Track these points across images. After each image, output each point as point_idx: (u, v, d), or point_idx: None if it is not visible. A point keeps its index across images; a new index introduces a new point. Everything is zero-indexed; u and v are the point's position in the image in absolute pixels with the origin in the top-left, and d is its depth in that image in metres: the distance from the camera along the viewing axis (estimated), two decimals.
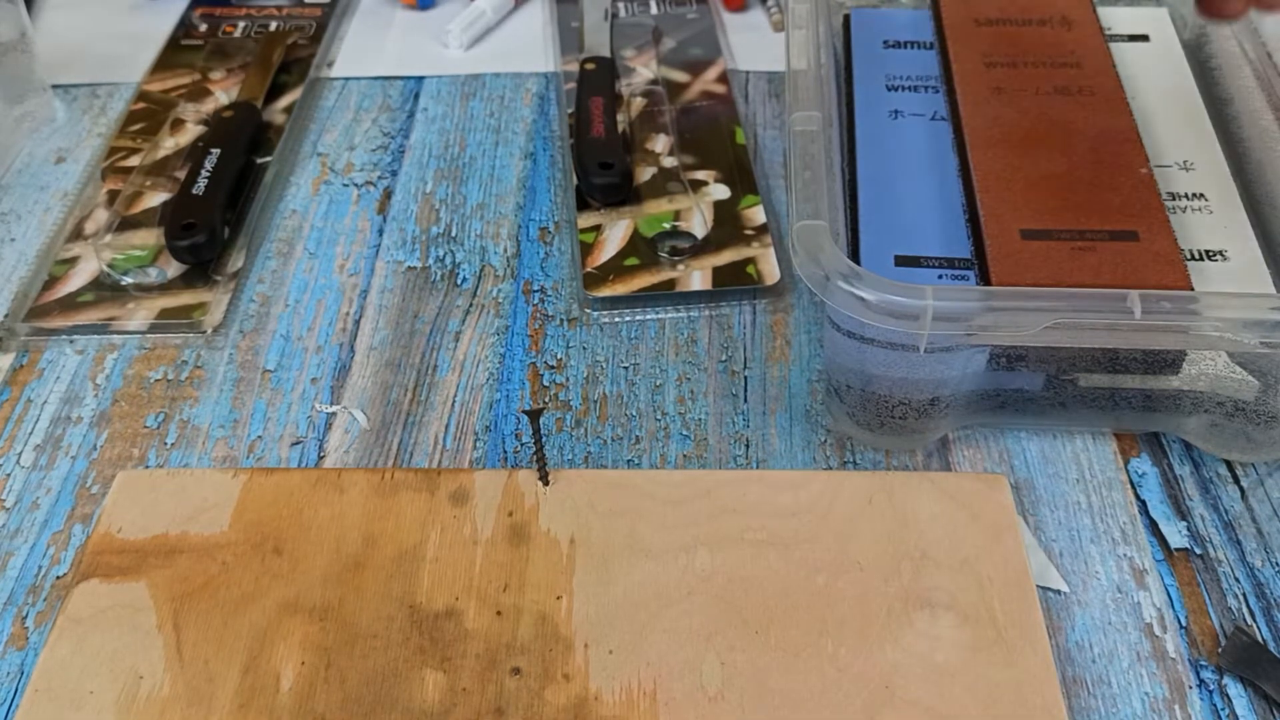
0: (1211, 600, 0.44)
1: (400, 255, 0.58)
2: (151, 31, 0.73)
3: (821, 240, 0.42)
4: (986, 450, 0.49)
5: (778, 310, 0.55)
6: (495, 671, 0.40)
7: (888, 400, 0.46)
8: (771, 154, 0.64)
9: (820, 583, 0.42)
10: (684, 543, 0.43)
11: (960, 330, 0.41)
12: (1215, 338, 0.41)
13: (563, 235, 0.59)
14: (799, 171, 0.46)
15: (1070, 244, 0.47)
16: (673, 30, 0.73)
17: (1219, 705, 0.41)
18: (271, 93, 0.67)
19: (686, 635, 0.40)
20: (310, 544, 0.43)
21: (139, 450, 0.49)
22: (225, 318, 0.54)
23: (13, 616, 0.43)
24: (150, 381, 0.52)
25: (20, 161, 0.64)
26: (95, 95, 0.69)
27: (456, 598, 0.42)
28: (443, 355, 0.53)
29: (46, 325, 0.54)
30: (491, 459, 0.49)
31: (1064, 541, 0.45)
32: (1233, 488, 0.47)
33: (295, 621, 0.41)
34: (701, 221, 0.58)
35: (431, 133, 0.66)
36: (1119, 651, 0.42)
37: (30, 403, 0.51)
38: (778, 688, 0.39)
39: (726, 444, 0.49)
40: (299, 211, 0.61)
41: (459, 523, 0.44)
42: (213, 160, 0.59)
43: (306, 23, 0.74)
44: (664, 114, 0.65)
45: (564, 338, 0.54)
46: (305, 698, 0.39)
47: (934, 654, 0.40)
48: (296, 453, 0.49)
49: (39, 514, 0.47)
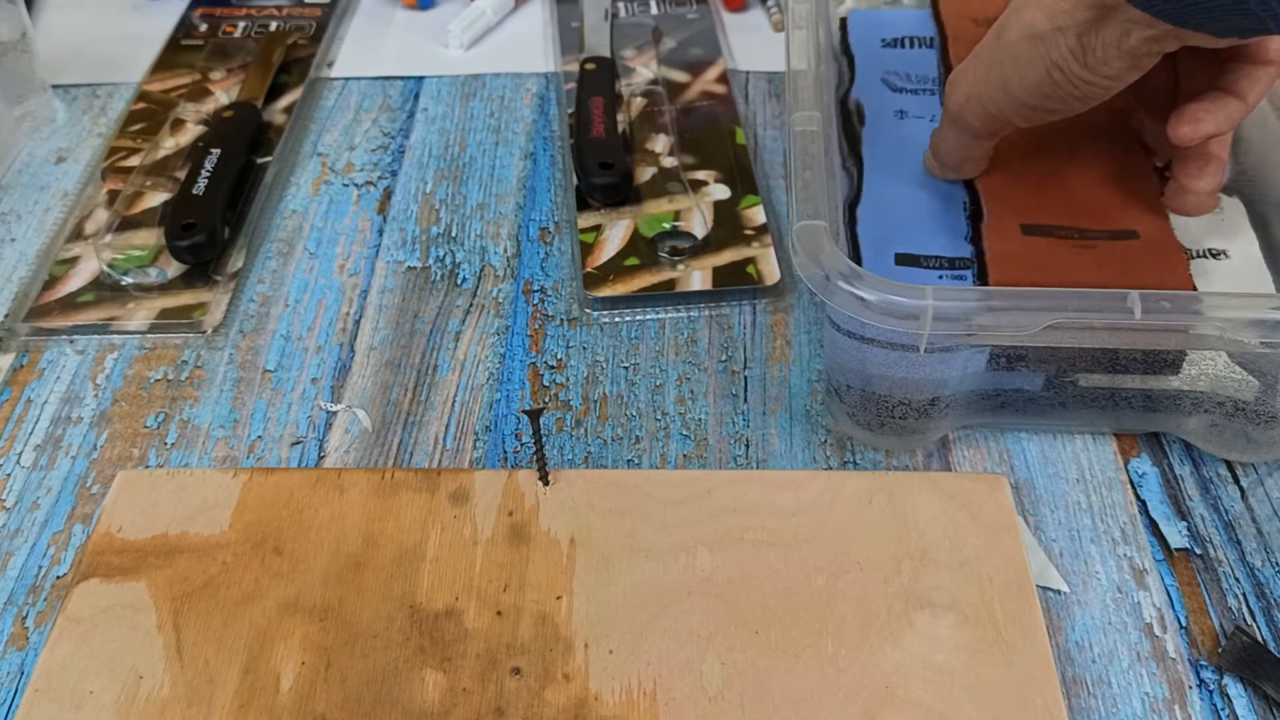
0: (1211, 600, 0.44)
1: (400, 255, 0.58)
2: (151, 31, 0.73)
3: (821, 240, 0.42)
4: (986, 450, 0.49)
5: (778, 310, 0.55)
6: (495, 671, 0.40)
7: (888, 400, 0.46)
8: (771, 154, 0.64)
9: (820, 583, 0.42)
10: (684, 543, 0.43)
11: (960, 330, 0.41)
12: (1215, 338, 0.41)
13: (563, 235, 0.59)
14: (799, 171, 0.46)
15: (1071, 241, 0.47)
16: (673, 30, 0.73)
17: (1219, 705, 0.41)
18: (271, 93, 0.67)
19: (686, 635, 0.40)
20: (310, 544, 0.43)
21: (139, 450, 0.49)
22: (225, 318, 0.54)
23: (13, 616, 0.43)
24: (150, 381, 0.52)
25: (20, 161, 0.64)
26: (95, 95, 0.69)
27: (456, 598, 0.42)
28: (443, 355, 0.53)
29: (47, 325, 0.54)
30: (491, 459, 0.49)
31: (1064, 541, 0.45)
32: (1233, 488, 0.47)
33: (295, 621, 0.41)
34: (701, 221, 0.58)
35: (431, 133, 0.66)
36: (1119, 651, 0.42)
37: (30, 403, 0.51)
38: (778, 688, 0.39)
39: (726, 444, 0.49)
40: (299, 211, 0.61)
41: (459, 523, 0.44)
42: (213, 160, 0.59)
43: (306, 23, 0.74)
44: (664, 114, 0.65)
45: (564, 338, 0.54)
46: (305, 698, 0.39)
47: (934, 654, 0.40)
48: (296, 453, 0.49)
49: (39, 514, 0.47)
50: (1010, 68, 0.44)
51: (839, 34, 0.62)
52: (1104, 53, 0.41)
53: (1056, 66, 0.42)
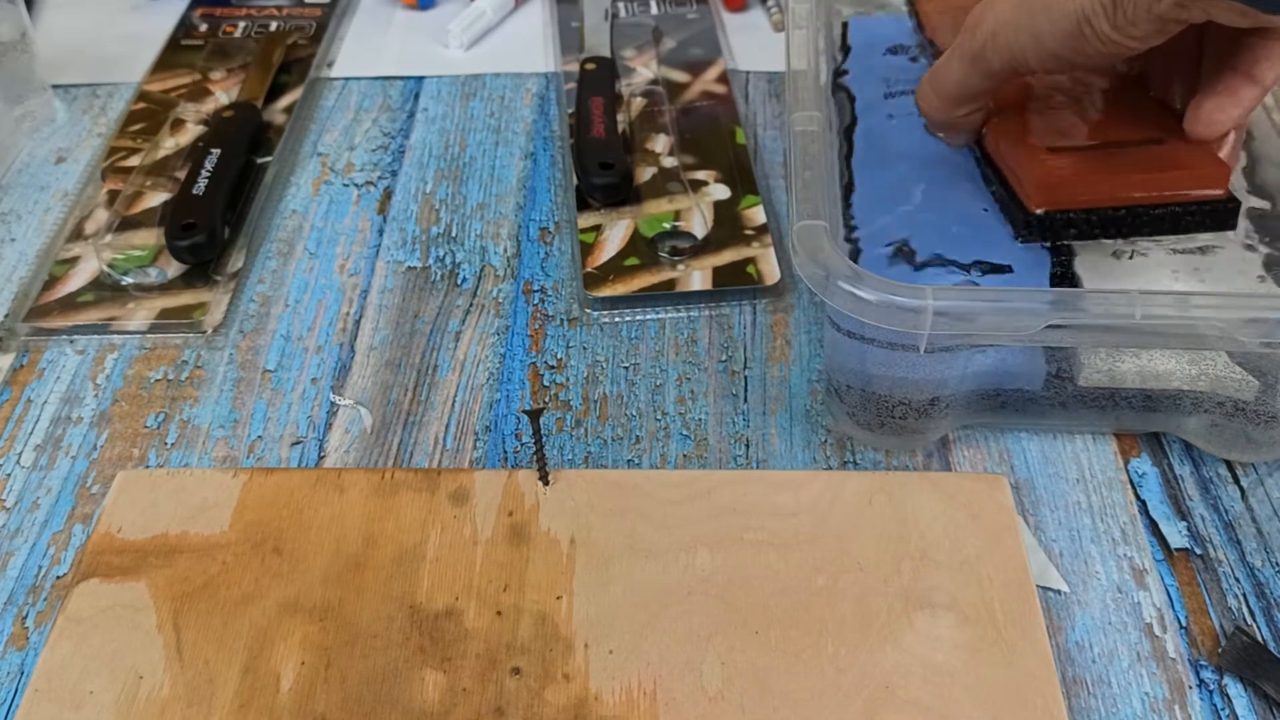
0: (1211, 600, 0.44)
1: (400, 255, 0.58)
2: (151, 31, 0.73)
3: (821, 240, 0.42)
4: (986, 450, 0.49)
5: (778, 310, 0.55)
6: (495, 671, 0.40)
7: (888, 400, 0.46)
8: (771, 154, 0.64)
9: (820, 583, 0.42)
10: (684, 543, 0.43)
11: (960, 330, 0.41)
12: (1215, 338, 0.41)
13: (563, 235, 0.59)
14: (799, 171, 0.46)
15: (1099, 152, 0.47)
16: (673, 30, 0.73)
17: (1219, 705, 0.41)
18: (271, 93, 0.67)
19: (686, 635, 0.40)
20: (310, 544, 0.43)
21: (139, 450, 0.49)
22: (225, 318, 0.54)
23: (13, 616, 0.43)
24: (150, 381, 0.52)
25: (20, 161, 0.64)
26: (95, 95, 0.69)
27: (456, 598, 0.42)
28: (443, 355, 0.53)
29: (47, 325, 0.54)
30: (491, 459, 0.49)
31: (1064, 541, 0.45)
32: (1233, 488, 0.47)
33: (295, 621, 0.41)
34: (701, 221, 0.58)
35: (431, 133, 0.66)
36: (1119, 651, 0.42)
37: (30, 403, 0.51)
38: (778, 688, 0.39)
39: (726, 444, 0.49)
40: (299, 211, 0.61)
41: (459, 523, 0.44)
42: (213, 160, 0.59)
43: (306, 23, 0.74)
44: (664, 114, 0.65)
45: (564, 338, 0.54)
46: (305, 698, 0.39)
47: (934, 654, 0.40)
48: (296, 453, 0.49)
49: (39, 514, 0.47)
50: (1043, 15, 0.44)
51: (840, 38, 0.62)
52: (1134, 14, 0.41)
53: (1087, 20, 0.42)
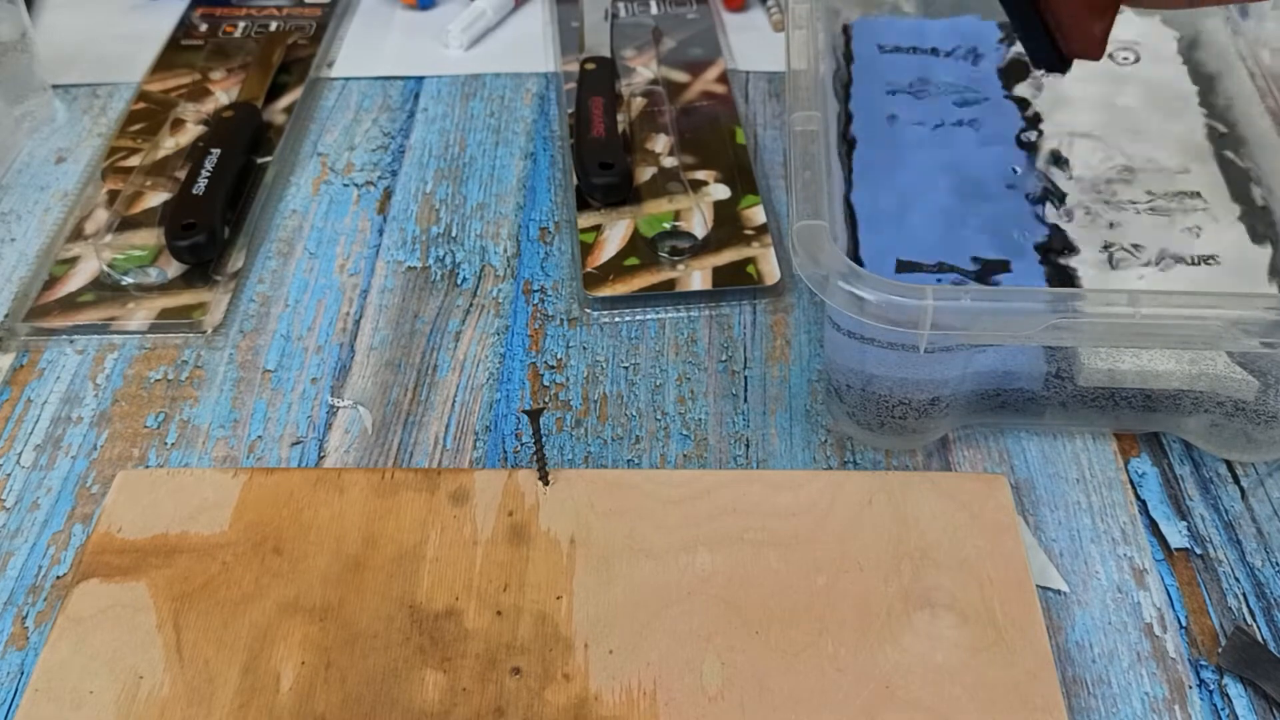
0: (1211, 600, 0.44)
1: (400, 255, 0.58)
2: (151, 31, 0.73)
3: (821, 240, 0.42)
4: (986, 450, 0.49)
5: (778, 310, 0.55)
6: (495, 671, 0.40)
7: (888, 400, 0.46)
8: (771, 154, 0.64)
9: (820, 583, 0.42)
10: (684, 543, 0.43)
11: (960, 330, 0.41)
12: (1215, 338, 0.41)
13: (563, 235, 0.59)
14: (799, 171, 0.46)
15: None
16: (673, 30, 0.72)
17: (1219, 705, 0.41)
18: (271, 93, 0.67)
19: (686, 635, 0.40)
20: (310, 544, 0.43)
21: (139, 450, 0.49)
22: (225, 318, 0.54)
23: (13, 616, 0.43)
24: (150, 381, 0.52)
25: (20, 161, 0.64)
26: (95, 95, 0.69)
27: (456, 598, 0.42)
28: (443, 355, 0.53)
29: (46, 325, 0.54)
30: (491, 459, 0.49)
31: (1064, 541, 0.45)
32: (1233, 488, 0.47)
33: (295, 621, 0.41)
34: (701, 221, 0.58)
35: (431, 133, 0.66)
36: (1119, 651, 0.42)
37: (30, 403, 0.51)
38: (778, 688, 0.39)
39: (726, 444, 0.49)
40: (299, 211, 0.61)
41: (459, 523, 0.44)
42: (213, 160, 0.59)
43: (306, 23, 0.74)
44: (664, 114, 0.65)
45: (564, 338, 0.54)
46: (305, 698, 0.39)
47: (934, 654, 0.40)
48: (296, 453, 0.49)
49: (39, 514, 0.47)
50: None
51: (842, 39, 0.62)
52: None
53: None
